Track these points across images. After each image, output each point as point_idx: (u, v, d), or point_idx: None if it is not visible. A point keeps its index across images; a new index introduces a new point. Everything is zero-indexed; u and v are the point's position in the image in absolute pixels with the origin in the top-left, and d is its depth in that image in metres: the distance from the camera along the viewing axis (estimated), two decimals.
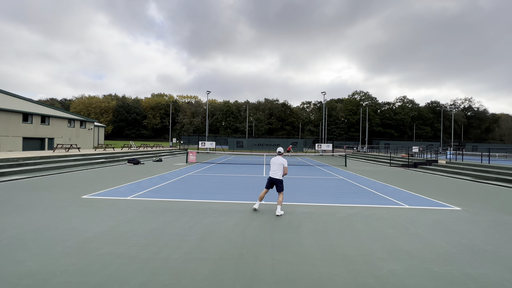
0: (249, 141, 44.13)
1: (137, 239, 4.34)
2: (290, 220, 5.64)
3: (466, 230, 5.19)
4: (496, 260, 3.83)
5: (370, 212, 6.43)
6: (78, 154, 17.79)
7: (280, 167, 6.18)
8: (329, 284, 3.06)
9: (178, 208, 6.44)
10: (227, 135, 75.45)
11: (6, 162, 11.88)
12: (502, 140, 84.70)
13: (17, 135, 21.40)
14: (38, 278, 3.05)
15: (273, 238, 4.51)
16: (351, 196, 8.54)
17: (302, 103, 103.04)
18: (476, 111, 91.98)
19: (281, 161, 6.23)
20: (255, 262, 3.58)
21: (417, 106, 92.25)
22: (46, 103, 72.15)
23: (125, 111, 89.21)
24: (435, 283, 3.11)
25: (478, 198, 8.61)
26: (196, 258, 3.66)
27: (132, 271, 3.26)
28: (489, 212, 6.69)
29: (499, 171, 12.98)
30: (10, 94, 20.96)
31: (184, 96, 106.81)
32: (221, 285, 2.98)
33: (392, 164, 21.82)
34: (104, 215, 5.67)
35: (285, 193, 8.80)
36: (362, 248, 4.16)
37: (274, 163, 6.28)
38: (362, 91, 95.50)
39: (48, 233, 4.52)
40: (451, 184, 11.60)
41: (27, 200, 6.88)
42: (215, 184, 10.45)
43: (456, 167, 16.10)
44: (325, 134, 43.48)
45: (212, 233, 4.71)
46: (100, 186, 9.20)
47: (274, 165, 6.26)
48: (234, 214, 5.98)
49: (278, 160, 6.26)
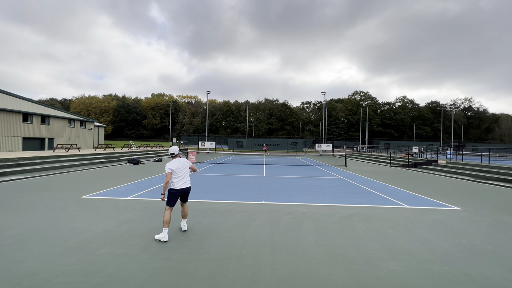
0: (249, 141, 44.13)
1: (137, 239, 4.34)
2: (290, 220, 5.64)
3: (466, 230, 5.19)
4: (496, 260, 3.83)
5: (370, 212, 6.43)
6: (78, 154, 17.78)
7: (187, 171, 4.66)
8: (329, 284, 3.06)
9: (178, 208, 6.43)
10: (227, 135, 75.45)
11: (6, 162, 11.88)
12: (502, 140, 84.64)
13: (17, 135, 21.39)
14: (38, 278, 3.05)
15: (273, 238, 4.51)
16: (351, 196, 8.54)
17: (302, 103, 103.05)
18: (476, 111, 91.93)
19: (185, 163, 4.68)
20: (255, 262, 3.58)
21: (417, 106, 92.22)
22: (46, 103, 72.18)
23: (125, 111, 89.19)
24: (435, 283, 3.11)
25: (478, 198, 8.61)
26: (196, 258, 3.66)
27: (132, 271, 3.26)
28: (489, 212, 6.69)
29: (499, 171, 12.98)
30: (10, 94, 20.95)
31: (184, 96, 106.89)
32: (221, 285, 2.98)
33: (392, 164, 21.82)
34: (104, 215, 5.67)
35: (285, 193, 8.83)
36: (362, 248, 4.16)
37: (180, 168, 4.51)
38: (362, 91, 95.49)
39: (48, 233, 4.52)
40: (451, 184, 11.60)
41: (27, 200, 6.88)
42: (215, 184, 10.44)
43: (456, 167, 16.09)
44: (325, 134, 43.47)
45: (212, 233, 4.71)
46: (100, 186, 9.20)
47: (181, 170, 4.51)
48: (234, 214, 5.98)
49: (182, 162, 4.61)
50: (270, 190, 9.24)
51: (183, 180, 4.50)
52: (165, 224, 4.28)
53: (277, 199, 7.72)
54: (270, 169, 16.67)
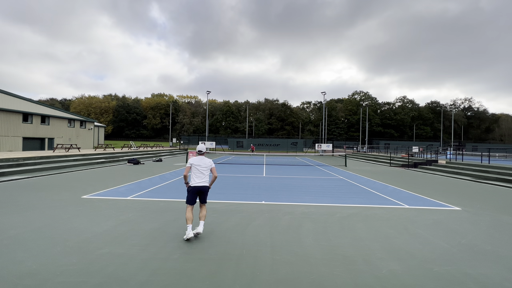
0: (249, 141, 44.13)
1: (137, 239, 4.34)
2: (290, 220, 5.64)
3: (466, 230, 5.19)
4: (496, 260, 3.83)
5: (370, 212, 6.43)
6: (78, 154, 17.78)
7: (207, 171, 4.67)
8: (329, 284, 3.06)
9: (178, 208, 6.44)
10: (227, 135, 75.41)
11: (6, 162, 11.88)
12: (502, 140, 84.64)
13: (17, 135, 21.39)
14: (38, 278, 3.05)
15: (273, 238, 4.51)
16: (351, 196, 8.54)
17: (302, 103, 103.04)
18: (476, 111, 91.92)
19: (208, 163, 4.72)
20: (255, 262, 3.58)
21: (417, 106, 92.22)
22: (46, 103, 72.16)
23: (125, 111, 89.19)
24: (435, 283, 3.11)
25: (478, 198, 8.61)
26: (196, 258, 3.66)
27: (132, 271, 3.26)
28: (489, 212, 6.69)
29: (499, 171, 12.98)
30: (10, 94, 20.96)
31: (184, 96, 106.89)
32: (221, 285, 2.98)
33: (392, 164, 21.82)
34: (104, 215, 5.67)
35: (285, 193, 8.83)
36: (362, 248, 4.16)
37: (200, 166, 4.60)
38: (362, 91, 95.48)
39: (48, 233, 4.52)
40: (451, 184, 11.60)
41: (27, 200, 6.88)
42: (215, 184, 10.43)
43: (456, 167, 16.09)
44: (325, 134, 43.47)
45: (212, 233, 4.71)
46: (100, 186, 9.20)
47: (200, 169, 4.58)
48: (234, 214, 5.98)
49: (204, 161, 4.69)
50: (270, 190, 9.24)
51: (199, 178, 4.54)
52: (187, 221, 4.40)
53: (277, 199, 7.72)
54: (270, 169, 16.67)
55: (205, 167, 4.61)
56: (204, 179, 4.58)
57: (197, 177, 4.54)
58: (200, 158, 4.68)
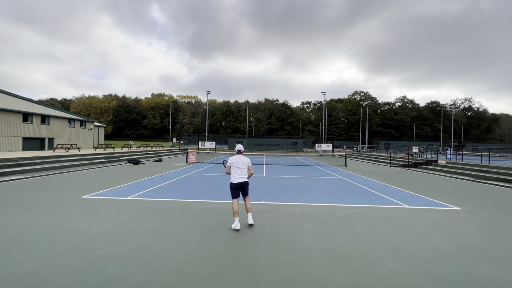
0: (249, 141, 44.11)
1: (137, 239, 4.34)
2: (290, 220, 5.64)
3: (466, 230, 5.19)
4: (496, 260, 3.83)
5: (370, 212, 6.43)
6: (78, 154, 17.78)
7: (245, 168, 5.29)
8: (329, 284, 3.06)
9: (178, 208, 6.44)
10: (227, 135, 75.43)
11: (6, 162, 11.88)
12: (502, 140, 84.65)
13: (17, 135, 21.39)
14: (38, 278, 3.05)
15: (273, 238, 4.51)
16: (351, 196, 8.54)
17: (302, 103, 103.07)
18: (476, 111, 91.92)
19: (245, 161, 5.33)
20: (255, 262, 3.58)
21: (417, 106, 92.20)
22: (46, 103, 72.17)
23: (125, 111, 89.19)
24: (435, 283, 3.11)
25: (478, 198, 8.61)
26: (196, 258, 3.66)
27: (132, 271, 3.26)
28: (489, 212, 6.69)
29: (499, 171, 12.98)
30: (10, 94, 20.96)
31: (184, 96, 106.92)
32: (221, 285, 2.98)
33: (392, 164, 21.82)
34: (104, 215, 5.67)
35: (285, 192, 8.83)
36: (362, 248, 4.16)
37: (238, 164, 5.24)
38: (362, 91, 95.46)
39: (48, 233, 4.52)
40: (451, 184, 11.60)
41: (27, 200, 6.88)
42: (215, 184, 10.44)
43: (456, 167, 16.09)
44: (325, 134, 43.47)
45: (212, 233, 4.71)
46: (100, 186, 9.20)
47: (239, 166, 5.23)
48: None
49: (242, 159, 5.32)
50: (270, 190, 9.24)
51: (238, 175, 5.13)
52: (234, 214, 4.96)
53: (277, 199, 7.72)
54: (270, 169, 16.67)
55: (243, 165, 5.22)
56: (243, 176, 5.15)
57: (237, 174, 5.14)
58: (238, 157, 5.33)
